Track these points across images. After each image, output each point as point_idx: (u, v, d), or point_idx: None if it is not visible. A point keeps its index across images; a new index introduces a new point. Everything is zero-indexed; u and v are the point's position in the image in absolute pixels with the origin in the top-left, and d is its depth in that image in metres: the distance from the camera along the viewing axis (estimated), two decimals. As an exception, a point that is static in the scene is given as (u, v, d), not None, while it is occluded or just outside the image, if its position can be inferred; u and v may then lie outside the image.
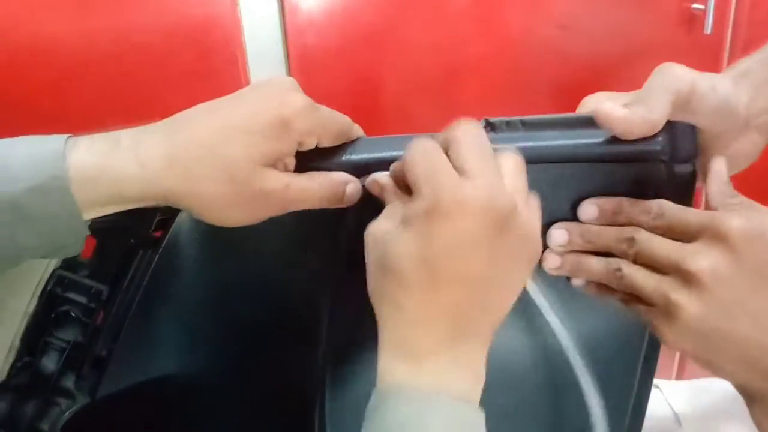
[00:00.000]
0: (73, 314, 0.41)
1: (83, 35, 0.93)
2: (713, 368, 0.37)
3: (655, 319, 0.36)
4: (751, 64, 0.42)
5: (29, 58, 0.92)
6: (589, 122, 0.39)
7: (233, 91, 0.37)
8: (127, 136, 0.34)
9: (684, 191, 0.39)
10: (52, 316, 0.41)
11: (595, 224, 0.40)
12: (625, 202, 0.39)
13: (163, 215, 0.41)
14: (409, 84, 1.08)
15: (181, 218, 0.42)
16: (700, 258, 0.34)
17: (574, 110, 0.45)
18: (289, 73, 1.02)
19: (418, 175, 0.33)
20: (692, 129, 0.39)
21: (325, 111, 0.37)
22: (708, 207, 0.37)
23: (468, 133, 0.34)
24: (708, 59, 1.12)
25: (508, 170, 0.34)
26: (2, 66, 0.91)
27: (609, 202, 0.39)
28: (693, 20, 1.10)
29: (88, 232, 0.34)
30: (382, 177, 0.37)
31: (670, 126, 0.39)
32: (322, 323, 0.43)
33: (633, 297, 0.38)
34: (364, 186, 0.38)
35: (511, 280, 0.34)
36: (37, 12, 0.90)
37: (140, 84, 0.97)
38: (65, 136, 0.33)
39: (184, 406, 0.46)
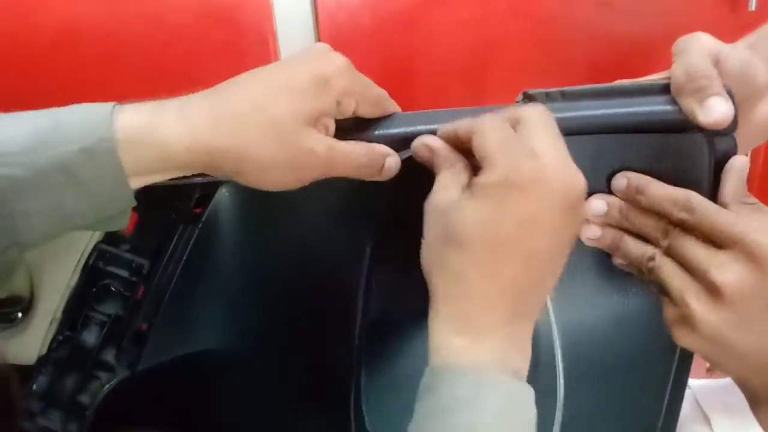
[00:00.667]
0: (113, 288, 0.41)
1: (116, 17, 0.93)
2: (719, 368, 0.37)
3: (671, 316, 0.37)
4: (755, 39, 0.43)
5: (63, 40, 0.93)
6: (629, 92, 0.38)
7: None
8: (173, 101, 0.34)
9: (723, 165, 0.38)
10: (94, 290, 0.41)
11: (622, 197, 0.39)
12: (652, 184, 0.38)
13: (203, 192, 0.41)
14: (441, 63, 1.06)
15: (220, 194, 0.42)
16: (726, 272, 0.34)
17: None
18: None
19: (492, 145, 0.32)
20: (732, 98, 0.37)
21: (363, 76, 0.37)
22: (720, 202, 0.37)
23: (539, 113, 0.34)
24: (752, 38, 1.09)
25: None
26: (36, 49, 0.92)
27: (635, 179, 0.38)
28: (737, -2, 1.06)
29: (135, 202, 0.35)
30: (433, 141, 0.36)
31: None
32: (359, 298, 0.43)
33: (661, 288, 0.37)
34: (404, 160, 0.38)
35: (561, 259, 0.34)
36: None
37: (173, 64, 0.97)
38: (113, 103, 0.34)
39: (222, 380, 0.46)
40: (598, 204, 0.39)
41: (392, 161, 0.38)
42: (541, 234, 0.32)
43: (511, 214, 0.31)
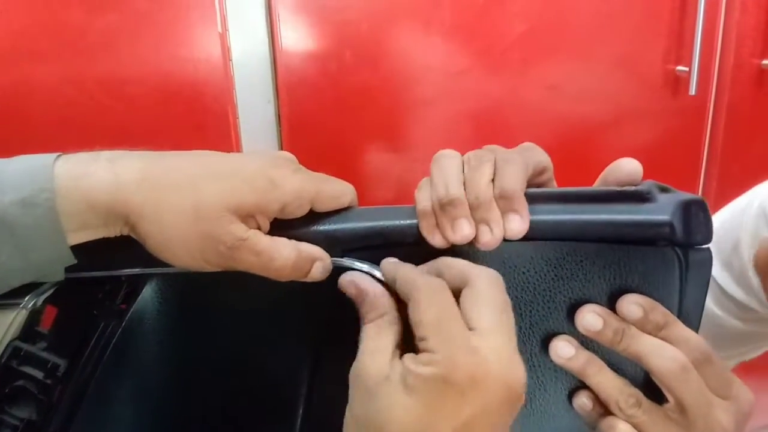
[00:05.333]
0: (28, 390, 0.39)
1: (77, 85, 0.93)
2: None
3: None
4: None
5: (22, 107, 0.92)
6: (592, 198, 0.36)
7: (223, 148, 0.37)
8: (108, 152, 0.34)
9: (700, 277, 0.36)
10: (6, 391, 0.39)
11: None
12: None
13: (129, 288, 0.40)
14: (395, 142, 1.08)
15: (147, 290, 0.40)
16: (728, 414, 0.35)
17: (564, 170, 0.43)
18: (280, 131, 1.02)
19: (428, 324, 0.30)
20: (706, 209, 0.35)
21: (319, 174, 0.36)
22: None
23: (488, 281, 0.31)
24: (692, 120, 1.14)
25: None
26: (-5, 116, 0.91)
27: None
28: (678, 82, 1.11)
29: (74, 260, 0.34)
30: (361, 281, 0.34)
31: (683, 206, 0.35)
32: (298, 405, 0.40)
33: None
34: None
35: None
36: (32, 60, 0.91)
37: (132, 135, 0.97)
38: (57, 153, 0.33)
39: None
40: (592, 319, 0.36)
41: (320, 266, 0.35)
42: None
43: (447, 416, 0.28)
